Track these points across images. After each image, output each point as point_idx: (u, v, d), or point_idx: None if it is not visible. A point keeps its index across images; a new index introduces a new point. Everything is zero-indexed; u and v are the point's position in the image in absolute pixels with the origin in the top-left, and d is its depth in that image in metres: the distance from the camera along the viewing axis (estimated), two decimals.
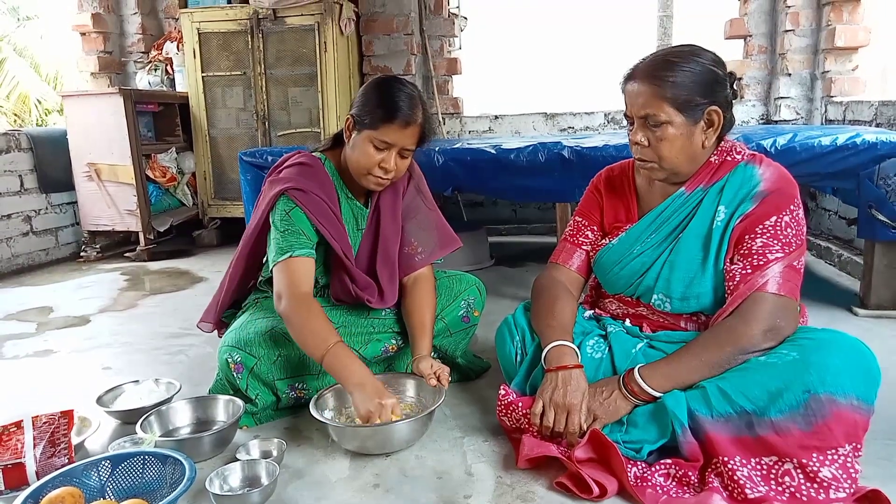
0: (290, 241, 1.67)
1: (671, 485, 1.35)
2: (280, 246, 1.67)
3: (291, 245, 1.67)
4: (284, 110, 4.08)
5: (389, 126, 1.63)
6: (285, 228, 1.68)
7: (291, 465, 1.53)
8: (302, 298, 1.64)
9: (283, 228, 1.69)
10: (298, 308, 1.63)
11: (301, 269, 1.67)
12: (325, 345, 1.58)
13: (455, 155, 2.75)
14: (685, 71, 1.42)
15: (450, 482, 1.44)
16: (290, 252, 1.66)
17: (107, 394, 1.83)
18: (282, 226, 1.69)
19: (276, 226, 1.70)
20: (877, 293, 2.48)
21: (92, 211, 4.02)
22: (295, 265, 1.66)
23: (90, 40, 4.62)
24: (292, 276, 1.65)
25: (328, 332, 1.61)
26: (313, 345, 1.60)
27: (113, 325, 2.72)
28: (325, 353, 1.57)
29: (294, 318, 1.62)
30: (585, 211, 1.74)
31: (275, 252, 1.68)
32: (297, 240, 1.67)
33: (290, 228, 1.68)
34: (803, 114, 3.96)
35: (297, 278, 1.65)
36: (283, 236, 1.68)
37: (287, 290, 1.64)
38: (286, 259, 1.66)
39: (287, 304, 1.63)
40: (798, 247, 1.44)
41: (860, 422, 1.26)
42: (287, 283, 1.64)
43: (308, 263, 1.68)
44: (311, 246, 1.69)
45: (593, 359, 1.57)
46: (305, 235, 1.69)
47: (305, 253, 1.67)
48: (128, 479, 1.35)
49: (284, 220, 1.69)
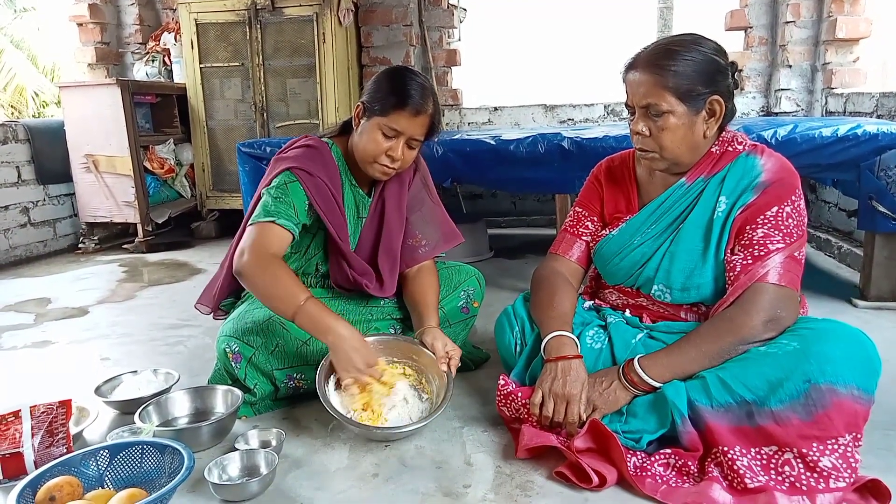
0: (278, 208, 1.63)
1: (671, 474, 1.35)
2: (266, 209, 1.62)
3: (279, 212, 1.62)
4: (283, 101, 4.07)
5: (400, 113, 1.62)
6: (278, 196, 1.65)
7: (290, 454, 1.53)
8: (269, 257, 1.57)
9: (275, 195, 1.65)
10: (265, 265, 1.55)
11: (276, 236, 1.61)
12: (297, 300, 1.51)
13: (454, 146, 2.74)
14: (687, 60, 1.41)
15: (449, 472, 1.44)
16: (274, 217, 1.61)
17: (105, 384, 1.83)
18: (275, 193, 1.66)
19: (269, 192, 1.66)
20: (877, 285, 2.48)
21: (90, 202, 4.01)
22: (272, 230, 1.60)
23: (87, 31, 4.60)
24: (264, 238, 1.59)
25: (298, 287, 1.54)
26: (283, 301, 1.52)
27: (111, 316, 2.71)
28: (297, 308, 1.51)
29: (260, 273, 1.54)
30: (586, 201, 1.73)
31: (257, 213, 1.63)
32: (285, 210, 1.64)
33: (283, 198, 1.65)
34: (804, 105, 3.94)
35: (268, 241, 1.59)
36: (272, 201, 1.64)
37: (252, 247, 1.57)
38: (267, 222, 1.60)
39: (249, 260, 1.55)
40: (799, 237, 1.44)
41: (860, 412, 1.25)
42: (256, 242, 1.58)
43: (285, 235, 1.63)
44: (295, 222, 1.64)
45: (593, 349, 1.57)
46: (294, 210, 1.65)
47: (287, 225, 1.62)
48: (126, 469, 1.34)
49: (280, 189, 1.66)
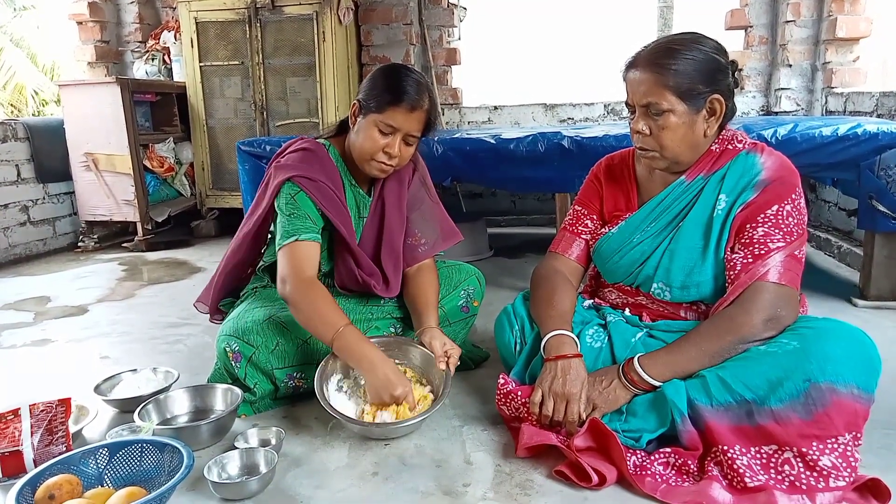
0: (296, 225, 1.66)
1: (670, 473, 1.35)
2: (286, 230, 1.67)
3: (298, 229, 1.66)
4: (283, 100, 4.07)
5: (396, 110, 1.63)
6: (291, 212, 1.68)
7: (290, 453, 1.53)
8: (308, 282, 1.63)
9: (288, 212, 1.68)
10: (305, 291, 1.62)
11: (306, 254, 1.66)
12: (335, 327, 1.57)
13: (454, 145, 2.74)
14: (687, 59, 1.41)
15: (449, 470, 1.44)
16: (297, 236, 1.65)
17: (105, 382, 1.83)
18: (287, 210, 1.69)
19: (281, 210, 1.70)
20: (876, 284, 2.47)
21: (90, 201, 4.00)
22: (300, 249, 1.65)
23: (87, 29, 4.59)
24: (297, 260, 1.64)
25: (337, 314, 1.60)
26: (322, 328, 1.59)
27: (111, 314, 2.71)
28: (334, 335, 1.56)
29: (301, 301, 1.61)
30: (585, 200, 1.73)
31: (280, 235, 1.68)
32: (303, 224, 1.67)
33: (296, 212, 1.68)
34: (804, 105, 3.94)
35: (301, 262, 1.64)
36: (289, 220, 1.68)
37: (292, 273, 1.63)
38: (292, 242, 1.65)
39: (293, 288, 1.62)
40: (799, 236, 1.44)
41: (860, 411, 1.25)
42: (291, 267, 1.64)
43: (313, 248, 1.68)
44: (316, 231, 1.69)
45: (592, 348, 1.56)
46: (311, 220, 1.68)
47: (311, 237, 1.67)
48: (126, 467, 1.34)
49: (290, 204, 1.69)
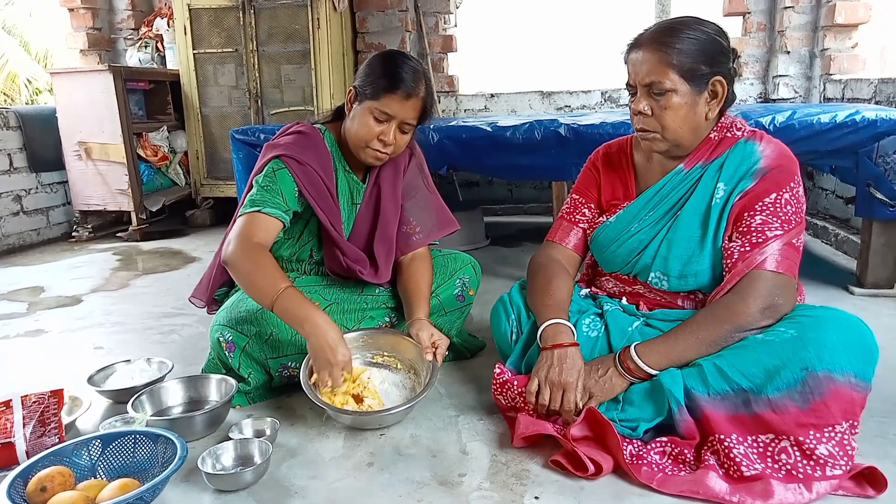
0: (263, 197, 1.63)
1: (667, 462, 1.34)
2: (252, 199, 1.64)
3: (264, 201, 1.62)
4: (277, 88, 4.03)
5: (391, 97, 1.61)
6: (265, 185, 1.65)
7: (285, 443, 1.52)
8: (252, 246, 1.57)
9: (263, 184, 1.65)
10: (248, 254, 1.55)
11: (263, 224, 1.61)
12: (275, 289, 1.50)
13: (450, 132, 2.72)
14: (691, 38, 1.39)
15: (444, 460, 1.44)
16: (260, 207, 1.61)
17: (98, 373, 1.81)
18: (263, 181, 1.65)
19: (257, 181, 1.67)
20: (873, 272, 2.47)
21: (83, 190, 3.98)
22: (258, 219, 1.61)
23: (78, 17, 4.54)
24: (250, 227, 1.60)
25: (278, 276, 1.54)
26: (262, 290, 1.52)
27: (105, 304, 2.70)
28: (275, 296, 1.50)
29: (242, 261, 1.55)
30: (583, 188, 1.71)
31: (245, 204, 1.64)
32: (272, 198, 1.63)
33: (270, 186, 1.65)
34: (802, 92, 3.92)
35: (254, 230, 1.60)
36: (259, 190, 1.64)
37: (238, 236, 1.58)
38: (253, 212, 1.61)
39: (233, 249, 1.56)
40: (797, 224, 1.42)
41: (857, 399, 1.25)
42: (241, 231, 1.59)
43: (273, 223, 1.63)
44: (283, 209, 1.64)
45: (589, 337, 1.56)
46: (283, 198, 1.65)
47: (275, 213, 1.63)
48: (119, 459, 1.33)
49: (267, 177, 1.66)
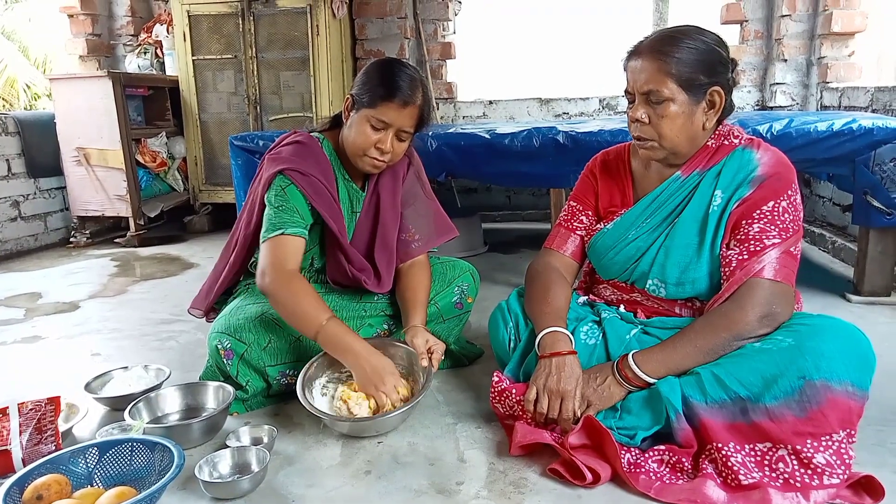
0: (283, 218, 1.64)
1: (665, 471, 1.34)
2: (272, 222, 1.65)
3: (284, 222, 1.64)
4: (276, 94, 4.04)
5: (388, 105, 1.61)
6: (279, 205, 1.66)
7: (282, 451, 1.51)
8: (289, 274, 1.60)
9: (277, 205, 1.66)
10: (286, 284, 1.59)
11: (290, 247, 1.63)
12: (318, 321, 1.55)
13: (449, 140, 2.72)
14: (690, 48, 1.40)
15: (442, 468, 1.43)
16: (282, 229, 1.63)
17: (95, 380, 1.81)
18: (276, 202, 1.66)
19: (270, 202, 1.68)
20: (870, 280, 2.47)
21: (81, 196, 3.97)
22: (284, 242, 1.63)
23: (78, 23, 4.55)
24: (279, 253, 1.62)
25: (320, 307, 1.58)
26: (305, 321, 1.56)
27: (102, 311, 2.69)
28: (318, 329, 1.54)
29: (280, 294, 1.58)
30: (580, 195, 1.71)
31: (266, 228, 1.65)
32: (290, 217, 1.65)
33: (285, 205, 1.66)
34: (799, 100, 3.93)
35: (284, 255, 1.62)
36: (276, 213, 1.65)
37: (272, 266, 1.60)
38: (276, 236, 1.63)
39: (272, 280, 1.59)
40: (795, 232, 1.43)
41: (855, 408, 1.25)
42: (273, 260, 1.61)
43: (298, 243, 1.65)
44: (303, 226, 1.67)
45: (587, 345, 1.56)
46: (299, 214, 1.66)
47: (297, 232, 1.65)
48: (116, 467, 1.33)
49: (279, 197, 1.67)
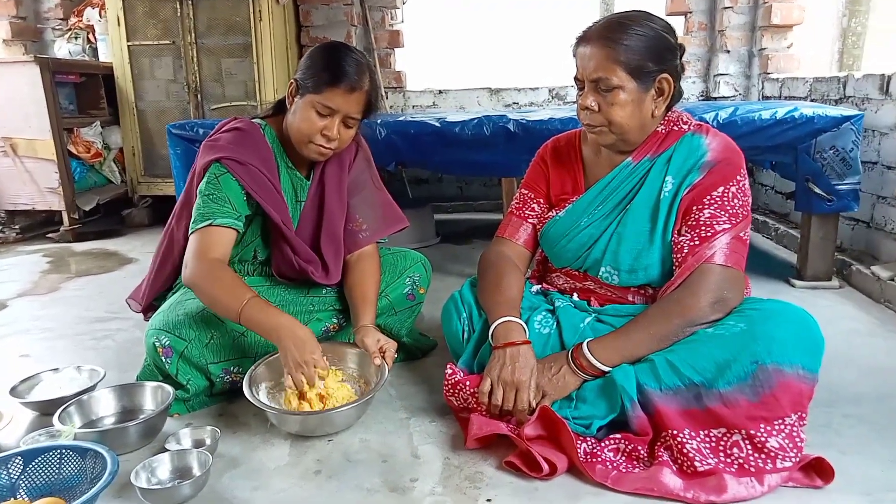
0: (211, 209, 1.57)
1: (621, 459, 1.33)
2: (200, 212, 1.57)
3: (213, 213, 1.56)
4: (218, 82, 3.89)
5: (334, 90, 1.55)
6: (210, 193, 1.58)
7: (226, 453, 1.44)
8: (211, 262, 1.53)
9: (207, 193, 1.58)
10: (207, 271, 1.52)
11: (218, 238, 1.56)
12: (240, 300, 1.47)
13: (398, 128, 2.66)
14: (639, 34, 1.38)
15: (395, 465, 1.39)
16: (210, 220, 1.55)
17: (22, 383, 1.69)
18: (206, 190, 1.58)
19: (201, 191, 1.60)
20: (813, 265, 2.54)
21: (9, 189, 3.75)
22: (212, 233, 1.56)
23: (0, 4, 4.28)
24: (205, 244, 1.55)
25: (241, 288, 1.51)
26: (227, 304, 1.49)
27: (33, 309, 2.54)
28: (241, 308, 1.47)
29: (202, 281, 1.51)
30: (531, 183, 1.69)
31: (194, 219, 1.58)
32: (220, 208, 1.57)
33: (216, 194, 1.58)
34: (741, 90, 4.02)
35: (210, 246, 1.55)
36: (204, 202, 1.58)
37: (196, 256, 1.53)
38: (205, 227, 1.55)
39: (193, 269, 1.52)
40: (744, 217, 1.44)
41: (805, 391, 1.26)
42: (197, 250, 1.54)
43: (226, 234, 1.58)
44: (235, 216, 1.59)
45: (541, 334, 1.54)
46: (231, 204, 1.59)
47: (227, 222, 1.57)
48: (43, 476, 1.24)
49: (211, 185, 1.59)
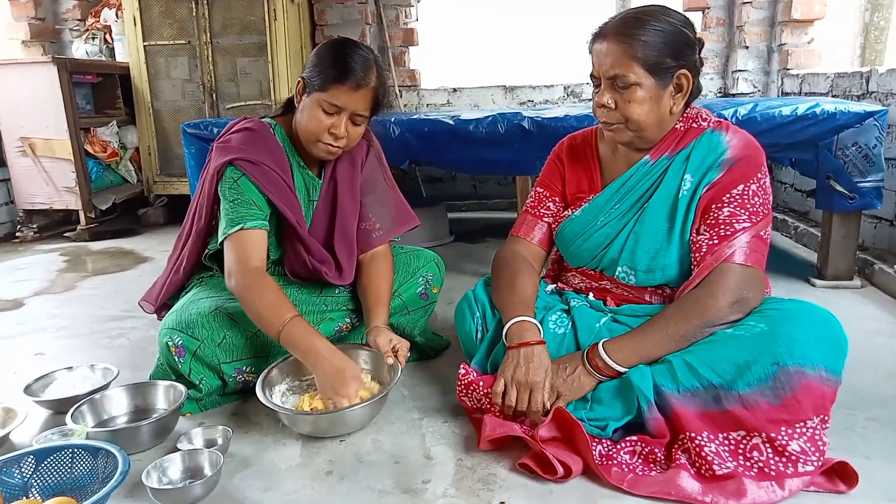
0: (240, 213, 1.57)
1: (637, 462, 1.31)
2: (230, 218, 1.57)
3: (242, 216, 1.57)
4: (233, 82, 3.90)
5: (340, 87, 1.53)
6: (234, 198, 1.58)
7: (238, 453, 1.43)
8: (254, 273, 1.55)
9: (231, 198, 1.58)
10: (251, 283, 1.54)
11: (252, 242, 1.57)
12: (281, 319, 1.49)
13: (412, 126, 2.65)
14: (656, 30, 1.35)
15: (408, 466, 1.37)
16: (241, 224, 1.56)
17: (36, 382, 1.69)
18: (231, 195, 1.59)
19: (224, 196, 1.60)
20: (834, 264, 2.48)
21: (27, 188, 3.79)
22: (246, 238, 1.56)
23: (20, 6, 4.32)
24: (243, 251, 1.56)
25: (284, 306, 1.52)
26: (268, 321, 1.51)
27: (49, 308, 2.55)
28: (280, 328, 1.48)
29: (246, 294, 1.53)
30: (547, 181, 1.66)
31: (225, 224, 1.58)
32: (247, 210, 1.57)
33: (240, 198, 1.58)
34: (760, 86, 3.96)
35: (248, 252, 1.56)
36: (232, 207, 1.58)
37: (237, 265, 1.55)
38: (237, 231, 1.56)
39: (238, 281, 1.54)
40: (765, 216, 1.40)
41: (828, 394, 1.23)
42: (237, 259, 1.55)
43: (260, 235, 1.59)
44: (262, 217, 1.60)
45: (556, 334, 1.51)
46: (256, 206, 1.59)
47: (258, 224, 1.58)
48: (55, 476, 1.24)
49: (233, 190, 1.59)
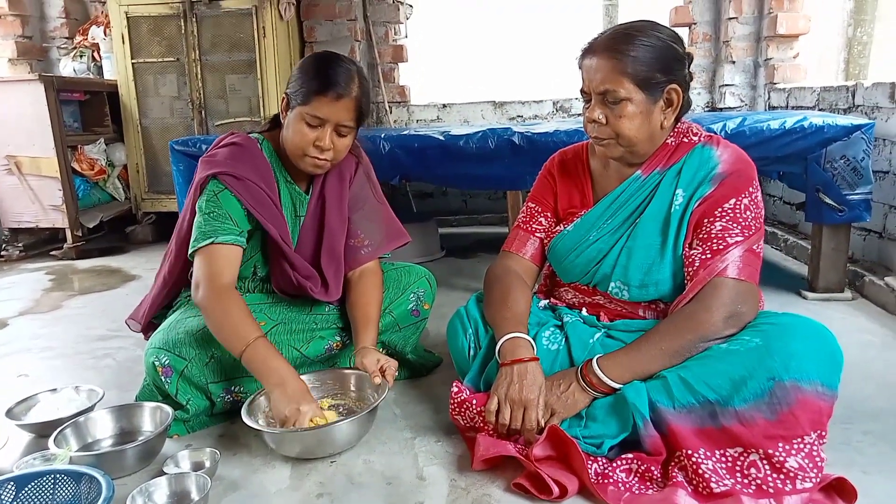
0: (213, 226, 1.54)
1: (633, 480, 1.29)
2: (203, 230, 1.55)
3: (215, 230, 1.54)
4: (222, 98, 3.89)
5: (321, 99, 1.52)
6: (210, 210, 1.56)
7: (226, 476, 1.40)
8: (222, 289, 1.52)
9: (208, 210, 1.56)
10: (218, 299, 1.51)
11: (224, 257, 1.54)
12: (245, 340, 1.46)
13: (402, 142, 2.64)
14: (646, 45, 1.35)
15: (400, 488, 1.35)
16: (213, 238, 1.53)
17: (19, 405, 1.65)
18: (207, 208, 1.56)
19: (200, 209, 1.58)
20: (825, 276, 2.49)
21: (13, 207, 3.74)
22: (217, 252, 1.54)
23: (6, 24, 4.30)
24: (213, 265, 1.53)
25: (249, 326, 1.49)
26: (232, 340, 1.48)
27: (34, 328, 2.51)
28: (244, 348, 1.45)
29: (212, 310, 1.50)
30: (538, 196, 1.66)
31: (195, 237, 1.55)
32: (221, 225, 1.55)
33: (217, 211, 1.56)
34: (747, 101, 3.99)
35: (218, 267, 1.53)
36: (206, 220, 1.55)
37: (206, 279, 1.52)
38: (208, 245, 1.53)
39: (204, 295, 1.51)
40: (757, 230, 1.40)
41: (825, 408, 1.21)
42: (207, 273, 1.52)
43: (232, 251, 1.56)
44: (237, 233, 1.57)
45: (549, 350, 1.49)
46: (233, 221, 1.56)
47: (230, 239, 1.55)
48: (36, 502, 1.20)
49: (211, 202, 1.57)
